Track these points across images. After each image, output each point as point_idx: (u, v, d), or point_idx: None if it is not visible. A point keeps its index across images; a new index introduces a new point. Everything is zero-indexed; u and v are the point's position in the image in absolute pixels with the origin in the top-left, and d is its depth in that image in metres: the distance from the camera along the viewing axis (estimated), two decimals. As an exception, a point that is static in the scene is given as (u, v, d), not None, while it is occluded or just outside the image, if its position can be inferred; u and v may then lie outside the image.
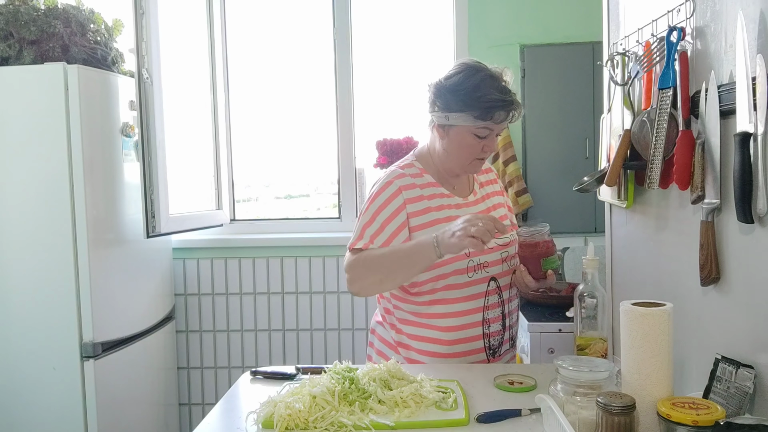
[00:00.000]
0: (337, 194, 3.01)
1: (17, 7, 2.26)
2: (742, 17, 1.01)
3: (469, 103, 1.48)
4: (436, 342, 1.58)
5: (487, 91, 1.47)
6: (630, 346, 1.06)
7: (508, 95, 1.49)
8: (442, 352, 1.58)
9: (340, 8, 2.91)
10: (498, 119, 1.49)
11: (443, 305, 1.57)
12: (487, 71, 1.51)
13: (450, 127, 1.54)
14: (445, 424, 1.20)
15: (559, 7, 2.79)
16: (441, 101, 1.53)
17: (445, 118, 1.53)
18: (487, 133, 1.52)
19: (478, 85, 1.48)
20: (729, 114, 1.05)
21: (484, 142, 1.53)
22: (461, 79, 1.50)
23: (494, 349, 1.61)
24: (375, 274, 1.51)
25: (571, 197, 2.16)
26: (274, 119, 3.09)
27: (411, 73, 2.97)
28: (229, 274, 2.88)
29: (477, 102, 1.47)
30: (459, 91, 1.49)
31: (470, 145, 1.54)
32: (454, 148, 1.56)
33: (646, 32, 1.39)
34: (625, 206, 1.56)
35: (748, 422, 0.87)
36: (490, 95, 1.47)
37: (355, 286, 1.53)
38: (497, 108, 1.48)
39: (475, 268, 1.56)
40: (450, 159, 1.59)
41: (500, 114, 1.49)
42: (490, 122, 1.49)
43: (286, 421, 1.18)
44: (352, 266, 1.53)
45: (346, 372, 1.30)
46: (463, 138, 1.53)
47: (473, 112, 1.48)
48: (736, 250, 1.06)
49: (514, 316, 1.68)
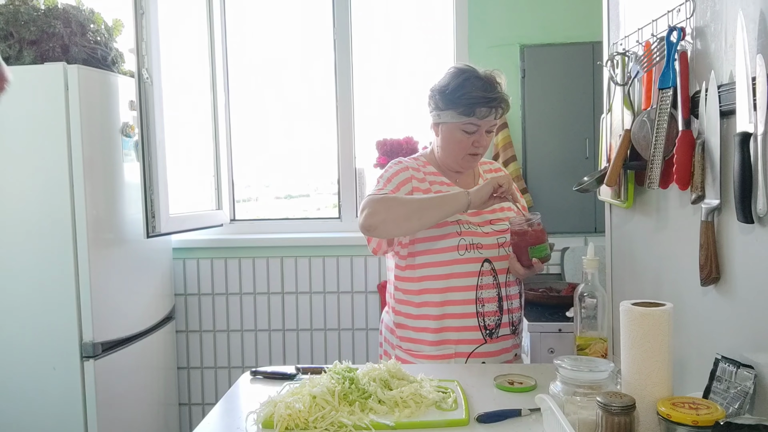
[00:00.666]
0: (337, 194, 3.01)
1: (17, 7, 2.26)
2: (742, 17, 1.01)
3: (453, 101, 1.63)
4: (429, 318, 1.66)
5: (470, 89, 1.62)
6: (630, 346, 1.06)
7: (491, 92, 1.62)
8: (435, 327, 1.65)
9: (340, 8, 2.91)
10: (480, 115, 1.62)
11: (435, 281, 1.66)
12: (472, 72, 1.65)
13: (441, 124, 1.69)
14: (445, 424, 1.20)
15: (559, 7, 2.79)
16: (433, 102, 1.69)
17: (437, 116, 1.69)
18: (474, 128, 1.65)
19: (461, 84, 1.63)
20: (729, 114, 1.05)
21: (474, 137, 1.66)
22: (448, 79, 1.66)
23: (491, 330, 1.67)
24: (403, 207, 1.58)
25: (571, 197, 2.16)
26: (274, 119, 3.09)
27: (411, 73, 2.97)
28: (229, 274, 2.89)
29: (460, 99, 1.62)
30: (445, 90, 1.65)
31: (459, 141, 1.67)
32: (446, 144, 1.70)
33: (646, 32, 1.39)
34: (625, 206, 1.56)
35: (748, 422, 0.87)
36: (473, 93, 1.61)
37: (377, 218, 1.56)
38: (478, 104, 1.61)
39: (466, 247, 1.65)
40: (445, 155, 1.72)
41: (482, 110, 1.62)
42: (474, 118, 1.62)
43: (286, 421, 1.18)
44: (376, 200, 1.60)
45: (346, 372, 1.31)
46: (452, 134, 1.67)
47: (457, 108, 1.63)
48: (736, 250, 1.06)
49: (515, 303, 1.71)
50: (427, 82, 1.72)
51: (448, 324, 1.65)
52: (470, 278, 1.65)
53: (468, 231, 1.66)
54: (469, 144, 1.66)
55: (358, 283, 2.84)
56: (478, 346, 1.65)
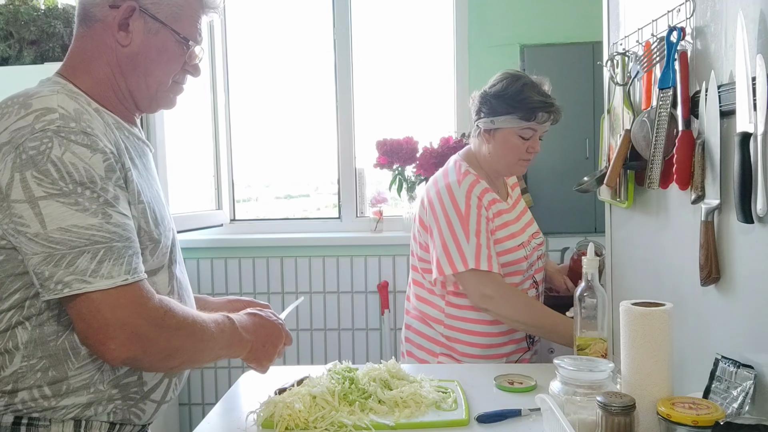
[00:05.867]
0: (337, 194, 3.01)
1: (17, 7, 2.26)
2: (742, 17, 1.01)
3: (514, 105, 1.64)
4: (485, 335, 1.71)
5: (530, 94, 1.64)
6: (630, 345, 1.06)
7: (549, 98, 1.67)
8: (489, 344, 1.72)
9: (340, 8, 2.91)
10: (541, 120, 1.66)
11: None
12: (527, 78, 1.68)
13: (496, 130, 1.68)
14: (445, 424, 1.20)
15: (559, 7, 2.79)
16: (486, 107, 1.68)
17: (491, 123, 1.68)
18: (531, 134, 1.68)
19: (521, 89, 1.64)
20: (729, 114, 1.05)
21: (528, 143, 1.68)
22: (505, 85, 1.66)
23: (532, 337, 1.77)
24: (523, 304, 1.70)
25: (571, 197, 2.16)
26: (274, 119, 3.09)
27: (411, 73, 2.97)
28: (229, 274, 2.88)
29: (521, 104, 1.63)
30: (504, 95, 1.65)
31: (516, 146, 1.69)
32: (500, 150, 1.70)
33: (646, 32, 1.39)
34: (625, 206, 1.56)
35: (748, 422, 0.87)
36: (533, 98, 1.63)
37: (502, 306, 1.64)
38: (539, 109, 1.64)
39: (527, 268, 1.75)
40: (497, 161, 1.73)
41: (543, 115, 1.65)
42: (534, 123, 1.65)
43: (286, 421, 1.18)
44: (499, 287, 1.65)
45: (346, 372, 1.31)
46: (508, 139, 1.68)
47: (518, 113, 1.64)
48: (736, 250, 1.06)
49: None
50: (426, 82, 1.71)
51: (502, 340, 1.73)
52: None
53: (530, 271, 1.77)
54: (524, 150, 1.69)
55: (358, 283, 2.83)
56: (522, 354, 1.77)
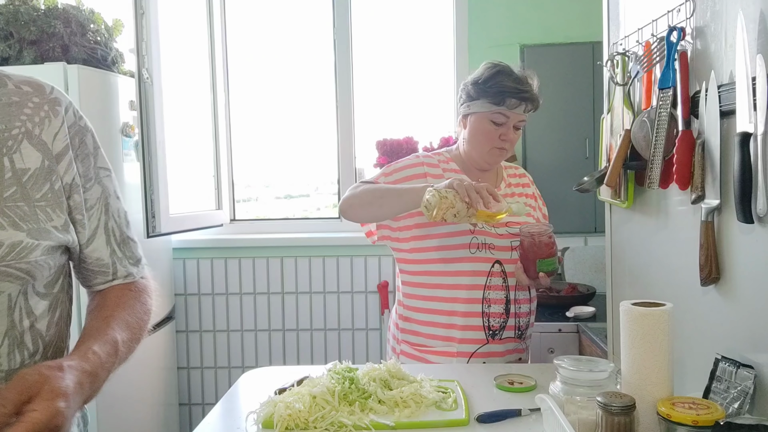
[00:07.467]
0: (337, 194, 3.01)
1: (17, 7, 2.26)
2: (742, 17, 1.01)
3: (485, 90, 1.64)
4: (437, 312, 1.67)
5: (502, 80, 1.64)
6: (630, 346, 1.06)
7: (522, 86, 1.64)
8: (443, 323, 1.66)
9: (340, 8, 2.91)
10: (510, 105, 1.63)
11: (444, 276, 1.66)
12: (504, 66, 1.68)
13: (470, 115, 1.69)
14: (445, 424, 1.20)
15: (559, 7, 2.79)
16: (464, 93, 1.71)
17: (467, 107, 1.69)
18: (503, 120, 1.64)
19: (494, 75, 1.65)
20: (729, 114, 1.05)
21: (501, 130, 1.65)
22: (481, 71, 1.69)
23: (494, 330, 1.66)
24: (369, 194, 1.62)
25: (571, 197, 2.16)
26: (274, 119, 3.09)
27: (411, 73, 2.97)
28: (229, 274, 2.88)
29: (491, 89, 1.64)
30: (478, 81, 1.67)
31: (488, 131, 1.66)
32: (473, 136, 1.69)
33: (646, 32, 1.39)
34: (625, 206, 1.56)
35: (748, 422, 0.87)
36: (504, 83, 1.63)
37: (347, 202, 1.64)
38: (509, 94, 1.62)
39: (478, 246, 1.64)
40: (471, 147, 1.71)
41: (512, 101, 1.62)
42: (504, 108, 1.63)
43: (286, 421, 1.18)
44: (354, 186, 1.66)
45: (346, 372, 1.30)
46: (480, 124, 1.67)
47: (488, 98, 1.64)
48: (736, 250, 1.06)
49: (523, 308, 1.70)
50: (426, 82, 1.72)
51: (455, 321, 1.65)
52: (479, 277, 1.64)
53: (481, 230, 1.64)
54: (497, 136, 1.65)
55: (358, 283, 2.83)
56: (480, 346, 1.65)
